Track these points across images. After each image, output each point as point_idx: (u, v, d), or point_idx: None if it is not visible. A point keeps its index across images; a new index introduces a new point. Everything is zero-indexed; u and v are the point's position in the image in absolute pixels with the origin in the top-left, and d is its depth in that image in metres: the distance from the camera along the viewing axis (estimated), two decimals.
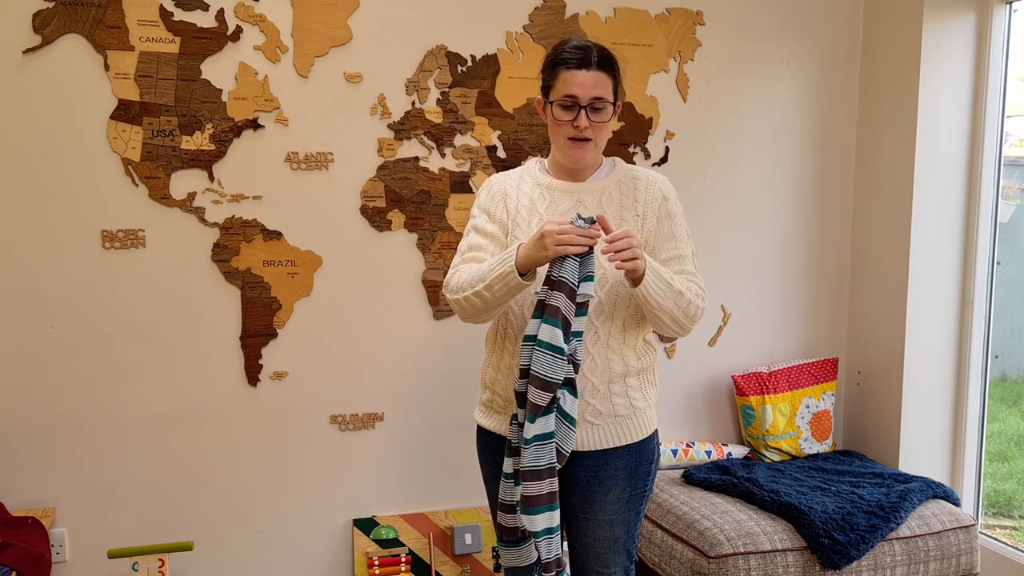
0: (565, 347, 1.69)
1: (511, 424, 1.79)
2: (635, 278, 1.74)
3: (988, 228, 2.92)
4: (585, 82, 1.77)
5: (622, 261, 1.68)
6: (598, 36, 2.76)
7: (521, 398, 1.74)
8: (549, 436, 1.71)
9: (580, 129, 1.79)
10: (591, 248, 1.70)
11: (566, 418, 1.74)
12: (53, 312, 2.48)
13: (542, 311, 1.71)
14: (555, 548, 1.77)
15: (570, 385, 1.74)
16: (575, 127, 1.79)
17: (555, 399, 1.71)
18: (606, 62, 1.80)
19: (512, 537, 1.82)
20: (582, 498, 1.88)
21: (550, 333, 1.68)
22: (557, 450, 1.73)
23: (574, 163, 1.86)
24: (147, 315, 2.55)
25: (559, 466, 1.75)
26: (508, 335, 1.88)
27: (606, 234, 1.70)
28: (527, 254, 1.71)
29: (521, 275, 1.72)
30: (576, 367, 1.74)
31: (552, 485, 1.73)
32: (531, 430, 1.70)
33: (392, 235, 2.72)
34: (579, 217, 1.70)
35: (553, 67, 1.82)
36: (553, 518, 1.75)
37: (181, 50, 2.49)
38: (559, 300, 1.69)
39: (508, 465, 1.78)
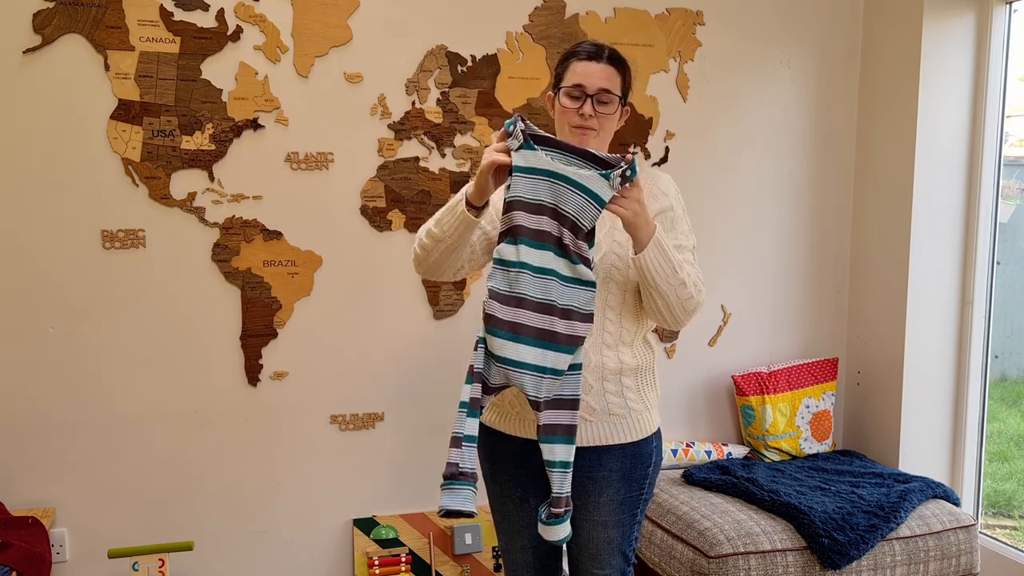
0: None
1: (476, 347, 1.69)
2: (636, 238, 1.69)
3: (988, 228, 2.92)
4: (594, 73, 1.78)
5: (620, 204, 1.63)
6: (598, 36, 2.76)
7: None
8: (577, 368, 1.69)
9: (584, 117, 1.77)
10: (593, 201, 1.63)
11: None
12: (53, 312, 2.48)
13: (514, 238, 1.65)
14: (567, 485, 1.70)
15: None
16: (580, 115, 1.78)
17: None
18: (617, 60, 1.82)
19: (453, 474, 1.66)
20: (576, 498, 1.88)
21: (539, 256, 1.64)
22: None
23: None
24: (147, 315, 2.55)
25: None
26: None
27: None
28: (474, 183, 1.69)
29: (475, 209, 1.69)
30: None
31: (573, 418, 1.69)
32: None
33: (392, 235, 2.72)
34: (508, 124, 1.63)
35: (565, 60, 1.84)
36: (570, 452, 1.69)
37: (181, 50, 2.49)
38: (539, 222, 1.63)
39: (465, 393, 1.67)
